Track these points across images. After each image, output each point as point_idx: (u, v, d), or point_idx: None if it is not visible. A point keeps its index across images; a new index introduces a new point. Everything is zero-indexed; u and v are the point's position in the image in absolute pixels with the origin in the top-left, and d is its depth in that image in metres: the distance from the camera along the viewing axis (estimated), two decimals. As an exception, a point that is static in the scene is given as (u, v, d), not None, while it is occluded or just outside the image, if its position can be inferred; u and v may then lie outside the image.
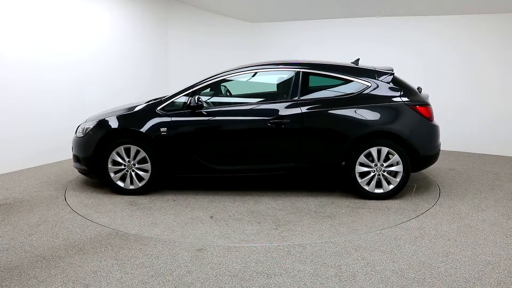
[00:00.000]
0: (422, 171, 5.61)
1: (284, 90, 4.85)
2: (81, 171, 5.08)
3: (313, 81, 4.89)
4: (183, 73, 8.23)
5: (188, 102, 4.72)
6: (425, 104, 4.66)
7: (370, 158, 4.60)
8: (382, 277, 2.97)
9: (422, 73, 7.67)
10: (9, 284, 2.89)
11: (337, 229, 3.84)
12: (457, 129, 7.44)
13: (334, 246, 3.49)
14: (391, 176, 4.63)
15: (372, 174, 4.62)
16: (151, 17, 7.75)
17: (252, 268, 3.12)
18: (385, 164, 4.59)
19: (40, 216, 4.18)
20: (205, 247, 3.47)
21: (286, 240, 3.61)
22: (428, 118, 4.65)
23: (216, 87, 5.20)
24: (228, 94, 5.39)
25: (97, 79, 6.87)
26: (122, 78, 7.31)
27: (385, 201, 4.61)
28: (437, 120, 5.07)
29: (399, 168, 4.58)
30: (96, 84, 6.86)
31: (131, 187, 4.84)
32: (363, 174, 4.64)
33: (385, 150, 4.56)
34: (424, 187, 5.21)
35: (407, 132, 4.56)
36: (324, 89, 4.90)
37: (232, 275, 3.01)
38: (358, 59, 5.02)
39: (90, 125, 4.95)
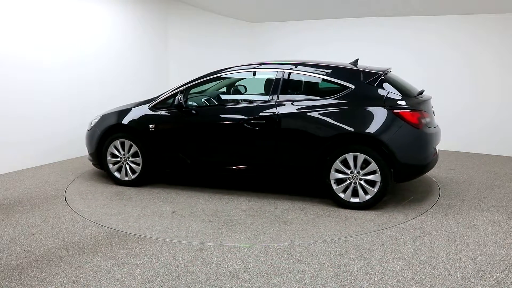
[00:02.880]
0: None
1: (265, 91, 4.86)
2: (91, 162, 5.54)
3: (295, 82, 4.81)
4: (184, 72, 8.22)
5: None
6: (411, 109, 4.25)
7: (348, 165, 4.32)
8: (382, 277, 2.97)
9: (422, 73, 7.66)
10: (9, 284, 2.89)
11: (278, 235, 3.72)
12: (457, 129, 7.44)
13: (334, 246, 3.49)
14: (369, 185, 4.27)
15: (348, 181, 4.33)
16: (151, 17, 7.75)
17: (252, 268, 3.12)
18: (361, 172, 4.27)
19: (40, 216, 4.18)
20: (205, 247, 3.47)
21: (216, 241, 3.60)
22: (414, 124, 4.22)
23: (229, 85, 5.44)
24: (243, 91, 5.51)
25: (97, 79, 6.87)
26: (122, 78, 7.31)
27: (358, 211, 4.29)
28: (437, 120, 5.06)
29: (376, 177, 4.22)
30: (96, 84, 6.86)
31: (126, 178, 5.20)
32: (340, 181, 4.37)
33: (361, 156, 4.24)
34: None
35: (385, 138, 4.17)
36: (305, 90, 4.82)
37: (232, 275, 3.02)
38: (357, 60, 4.90)
39: (96, 119, 5.45)
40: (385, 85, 4.42)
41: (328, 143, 4.34)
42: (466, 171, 6.04)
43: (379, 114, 4.25)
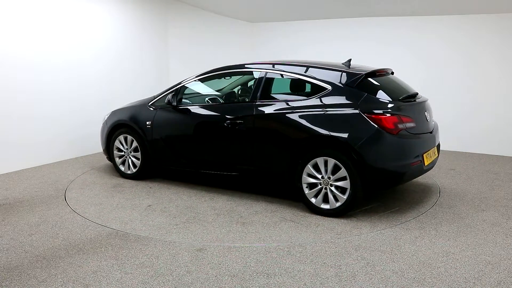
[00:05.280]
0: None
1: (249, 91, 4.87)
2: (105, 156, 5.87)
3: (275, 82, 4.77)
4: (184, 72, 8.21)
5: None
6: (387, 114, 3.97)
7: (320, 170, 4.14)
8: (382, 277, 2.97)
9: (422, 73, 7.67)
10: (9, 284, 2.89)
11: (226, 235, 3.71)
12: (457, 129, 7.44)
13: (334, 246, 3.49)
14: (340, 192, 4.07)
15: (319, 187, 4.15)
16: (151, 17, 7.75)
17: (252, 268, 3.12)
18: (332, 178, 4.08)
19: (40, 216, 4.19)
20: (205, 247, 3.47)
21: (165, 236, 3.71)
22: (388, 129, 3.92)
23: (243, 84, 5.45)
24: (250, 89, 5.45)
25: (98, 79, 6.87)
26: (123, 78, 7.30)
27: (327, 218, 4.11)
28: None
29: (346, 184, 4.01)
30: (97, 84, 6.86)
31: (128, 172, 5.50)
32: (312, 186, 4.20)
33: (331, 161, 4.04)
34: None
35: (354, 142, 3.93)
36: (285, 90, 4.79)
37: (232, 275, 3.02)
38: (350, 60, 4.74)
39: (108, 115, 5.75)
40: (367, 87, 4.20)
41: (300, 146, 4.21)
42: (466, 171, 6.04)
43: (352, 118, 4.02)
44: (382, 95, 4.18)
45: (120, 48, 7.21)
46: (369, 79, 4.33)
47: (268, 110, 4.45)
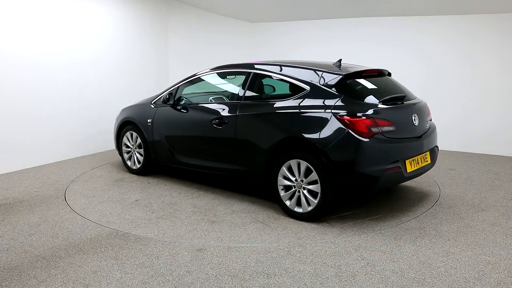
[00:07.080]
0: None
1: (237, 91, 4.88)
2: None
3: (259, 83, 4.73)
4: (184, 72, 8.19)
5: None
6: (362, 116, 3.77)
7: (294, 172, 4.07)
8: (382, 277, 2.97)
9: (422, 73, 7.66)
10: (9, 284, 2.89)
11: (187, 232, 3.76)
12: (457, 129, 7.44)
13: (334, 246, 3.49)
14: (312, 196, 3.96)
15: (293, 189, 4.09)
16: (151, 17, 7.75)
17: (252, 268, 3.12)
18: (304, 181, 3.99)
19: (40, 216, 4.19)
20: (205, 247, 3.47)
21: (133, 230, 3.81)
22: (360, 132, 3.72)
23: (257, 83, 5.19)
24: (271, 91, 5.33)
25: (98, 79, 6.87)
26: (123, 78, 7.30)
27: (298, 222, 4.02)
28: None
29: (317, 187, 3.88)
30: (97, 84, 6.86)
31: (134, 167, 5.74)
32: (287, 188, 4.14)
33: (304, 164, 3.95)
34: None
35: (324, 145, 3.80)
36: (268, 91, 4.83)
37: (232, 275, 3.02)
38: (340, 60, 4.63)
39: (118, 112, 6.01)
40: (346, 88, 4.04)
41: (275, 147, 4.17)
42: (466, 171, 6.04)
43: (324, 120, 3.87)
44: (361, 97, 4.06)
45: (120, 48, 7.21)
46: (354, 80, 4.19)
47: (249, 110, 4.45)
